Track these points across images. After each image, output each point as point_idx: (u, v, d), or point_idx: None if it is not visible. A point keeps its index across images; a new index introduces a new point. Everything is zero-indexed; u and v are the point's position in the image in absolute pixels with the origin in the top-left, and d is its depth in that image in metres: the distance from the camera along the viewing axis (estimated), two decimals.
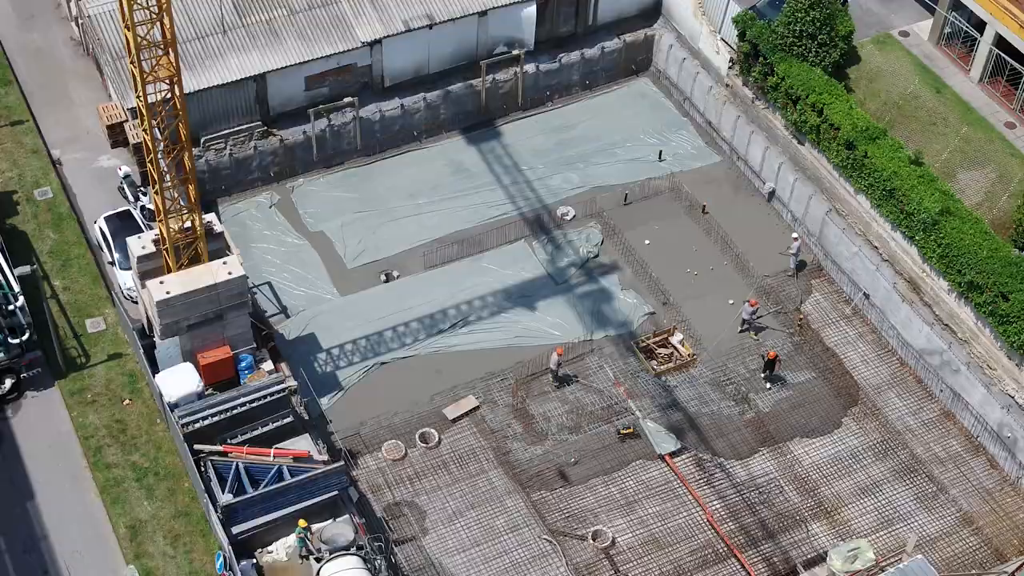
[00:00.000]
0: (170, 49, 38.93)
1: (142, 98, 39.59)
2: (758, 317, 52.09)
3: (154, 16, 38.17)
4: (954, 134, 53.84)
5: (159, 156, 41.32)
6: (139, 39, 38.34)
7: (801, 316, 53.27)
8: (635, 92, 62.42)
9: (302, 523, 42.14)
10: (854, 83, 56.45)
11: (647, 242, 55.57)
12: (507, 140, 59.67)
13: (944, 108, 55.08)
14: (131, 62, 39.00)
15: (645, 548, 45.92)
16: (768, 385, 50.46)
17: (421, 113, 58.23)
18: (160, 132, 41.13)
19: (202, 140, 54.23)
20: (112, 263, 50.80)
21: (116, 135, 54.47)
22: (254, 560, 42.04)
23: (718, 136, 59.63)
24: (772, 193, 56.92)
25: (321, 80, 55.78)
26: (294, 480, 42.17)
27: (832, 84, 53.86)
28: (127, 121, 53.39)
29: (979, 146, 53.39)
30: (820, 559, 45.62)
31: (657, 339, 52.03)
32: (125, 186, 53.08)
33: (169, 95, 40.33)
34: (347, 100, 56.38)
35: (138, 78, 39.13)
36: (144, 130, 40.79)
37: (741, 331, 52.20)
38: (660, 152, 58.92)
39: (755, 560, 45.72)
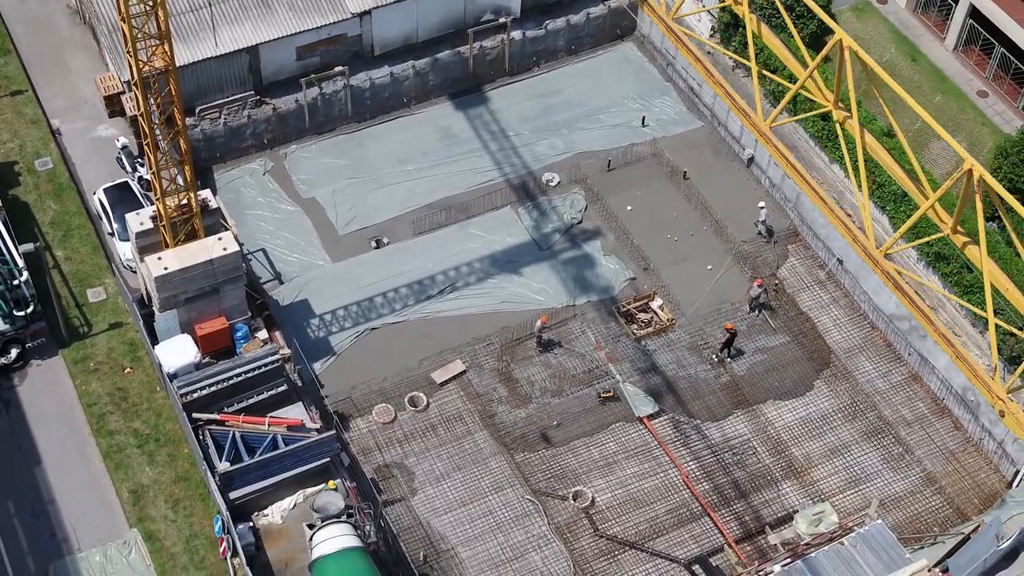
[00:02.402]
0: (165, 40, 40.42)
1: (138, 87, 41.15)
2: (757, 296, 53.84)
3: (149, 9, 39.60)
4: (928, 103, 55.43)
5: (157, 141, 42.98)
6: (135, 31, 39.84)
7: (777, 281, 55.16)
8: (620, 57, 63.82)
9: (331, 484, 44.64)
10: (832, 51, 57.76)
11: (629, 208, 57.32)
12: (494, 106, 61.17)
13: (919, 76, 56.66)
14: (128, 52, 40.51)
15: (623, 507, 48.17)
16: (715, 359, 52.25)
17: (410, 80, 59.70)
18: (156, 115, 42.67)
19: (197, 110, 55.79)
20: (112, 234, 52.53)
21: (113, 105, 55.86)
22: (251, 523, 44.38)
23: (700, 102, 61.14)
24: (751, 159, 58.58)
25: (312, 50, 57.22)
26: (288, 449, 44.32)
27: (809, 55, 55.19)
28: (124, 93, 54.85)
29: (951, 115, 55.03)
30: (790, 518, 47.89)
31: (637, 304, 53.97)
32: (123, 157, 54.65)
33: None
34: (338, 69, 57.87)
35: (134, 68, 40.66)
36: (140, 116, 42.42)
37: (752, 311, 53.87)
38: (643, 118, 60.42)
39: (728, 519, 48.02)
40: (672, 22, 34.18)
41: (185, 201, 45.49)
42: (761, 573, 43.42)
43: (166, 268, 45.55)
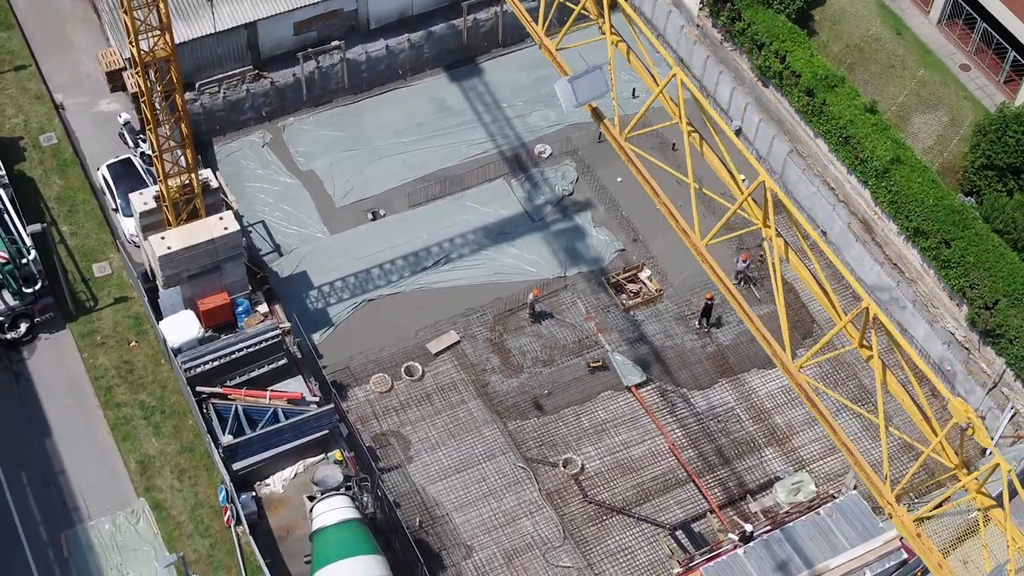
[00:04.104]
0: (167, 31, 41.73)
1: (141, 76, 42.52)
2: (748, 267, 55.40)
3: (151, 1, 40.86)
4: (911, 77, 56.64)
5: (159, 126, 44.44)
6: (137, 23, 41.15)
7: (763, 252, 56.64)
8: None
9: (338, 455, 46.71)
10: (818, 25, 59.06)
11: (619, 180, 58.75)
12: (488, 77, 62.44)
13: (903, 50, 57.77)
14: (130, 43, 41.84)
15: (611, 474, 50.07)
16: (698, 327, 53.93)
17: (405, 53, 60.92)
18: (158, 100, 44.06)
19: (197, 85, 57.09)
20: (116, 210, 54.00)
21: (115, 81, 57.21)
22: (253, 493, 46.33)
23: (689, 73, 62.38)
24: (739, 131, 59.92)
25: (309, 25, 58.45)
26: (288, 422, 46.16)
27: (795, 32, 56.42)
28: (125, 69, 56.14)
29: (934, 89, 56.24)
30: (771, 484, 49.78)
31: (627, 275, 55.59)
32: (125, 132, 55.99)
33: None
34: (334, 43, 59.09)
35: (137, 59, 42.00)
36: (143, 102, 43.81)
37: (736, 283, 55.42)
38: (634, 89, 61.65)
39: (712, 485, 49.94)
40: (624, 141, 36.11)
41: (187, 182, 46.95)
42: (737, 533, 45.74)
43: (169, 247, 47.15)
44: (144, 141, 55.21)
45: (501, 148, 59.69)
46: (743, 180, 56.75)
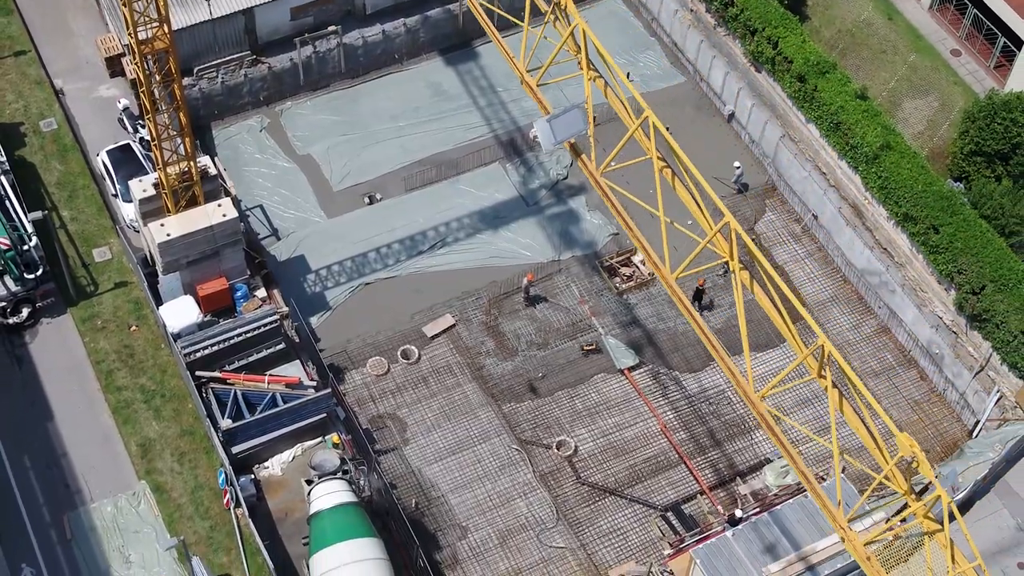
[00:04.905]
0: (165, 23, 42.30)
1: (140, 69, 43.12)
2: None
3: None
4: (902, 62, 57.26)
5: (157, 116, 45.06)
6: (135, 15, 41.72)
7: (753, 236, 57.32)
8: (605, 11, 65.43)
9: (335, 439, 47.58)
10: (811, 10, 59.62)
11: (613, 164, 59.21)
12: (483, 61, 62.96)
13: (895, 35, 58.39)
14: (129, 34, 42.41)
15: (604, 456, 50.91)
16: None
17: (401, 37, 61.43)
18: (156, 89, 44.66)
19: (195, 70, 57.61)
20: (115, 195, 54.64)
21: (114, 66, 57.75)
22: (252, 476, 47.19)
23: (683, 57, 62.93)
24: (732, 115, 60.52)
25: (306, 11, 58.94)
26: (286, 406, 46.95)
27: (787, 18, 56.93)
28: (124, 55, 56.67)
29: (925, 74, 56.87)
30: (761, 466, 50.63)
31: (620, 259, 56.30)
32: (124, 118, 56.59)
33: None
34: (331, 28, 59.59)
35: (135, 51, 42.59)
36: (142, 92, 44.39)
37: (721, 273, 56.15)
38: (628, 73, 62.20)
39: (703, 466, 50.79)
40: (600, 177, 36.99)
41: (186, 169, 47.59)
42: (725, 515, 46.55)
43: (168, 234, 47.84)
44: (143, 127, 55.83)
45: (496, 132, 60.28)
46: (737, 166, 58.21)
